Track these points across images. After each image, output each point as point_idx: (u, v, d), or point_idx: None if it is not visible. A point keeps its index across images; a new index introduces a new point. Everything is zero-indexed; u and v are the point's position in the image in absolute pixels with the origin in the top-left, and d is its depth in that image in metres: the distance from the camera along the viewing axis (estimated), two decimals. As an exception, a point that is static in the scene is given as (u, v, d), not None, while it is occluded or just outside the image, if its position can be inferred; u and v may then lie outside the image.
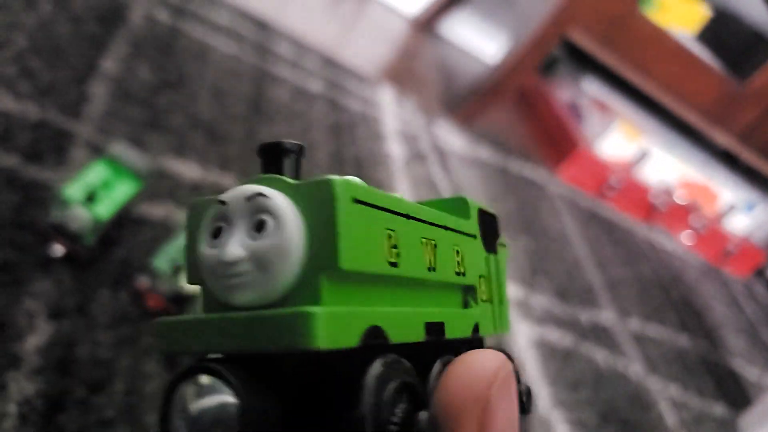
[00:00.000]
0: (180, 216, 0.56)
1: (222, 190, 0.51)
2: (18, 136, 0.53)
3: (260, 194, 0.13)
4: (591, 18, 1.03)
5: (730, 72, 1.18)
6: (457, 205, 0.18)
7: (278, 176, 0.13)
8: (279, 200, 0.13)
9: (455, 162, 1.02)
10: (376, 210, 0.14)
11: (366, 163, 0.84)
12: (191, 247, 0.14)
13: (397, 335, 0.13)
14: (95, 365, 0.43)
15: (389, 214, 0.14)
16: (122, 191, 0.49)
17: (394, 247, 0.14)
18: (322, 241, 0.12)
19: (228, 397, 0.12)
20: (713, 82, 1.13)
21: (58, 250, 0.46)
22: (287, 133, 0.78)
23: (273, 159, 0.14)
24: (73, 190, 0.46)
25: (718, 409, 0.94)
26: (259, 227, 0.13)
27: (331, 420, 0.12)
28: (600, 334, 0.89)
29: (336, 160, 0.80)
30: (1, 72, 0.57)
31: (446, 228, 0.16)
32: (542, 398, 0.70)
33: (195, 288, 0.47)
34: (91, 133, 0.58)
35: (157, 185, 0.58)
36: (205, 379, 0.12)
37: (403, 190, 0.85)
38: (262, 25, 0.95)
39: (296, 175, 0.14)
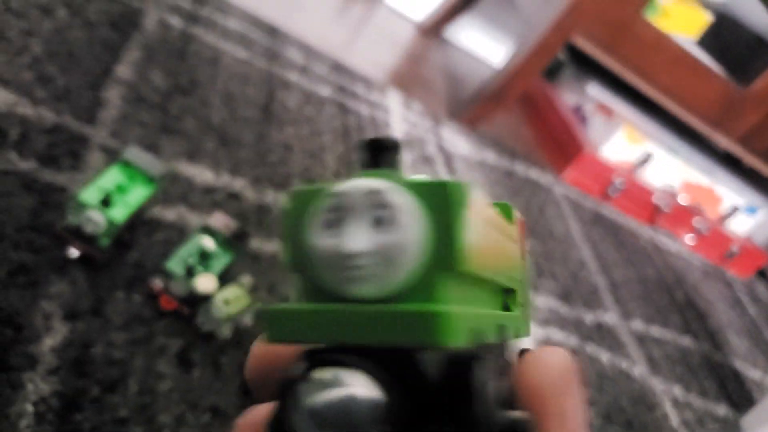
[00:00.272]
0: (192, 219, 0.57)
1: (235, 194, 0.51)
2: (34, 140, 0.53)
3: (383, 189, 0.13)
4: (595, 23, 1.03)
5: (733, 76, 1.17)
6: (503, 211, 0.18)
7: (392, 172, 0.13)
8: (403, 197, 0.13)
9: (461, 165, 1.02)
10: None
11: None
12: (293, 236, 0.13)
13: (488, 336, 0.14)
14: (110, 365, 0.43)
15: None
16: (136, 195, 0.49)
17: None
18: (442, 242, 0.12)
19: (356, 391, 0.12)
20: (716, 87, 1.12)
21: (73, 252, 0.46)
22: (297, 136, 0.78)
23: (378, 154, 0.14)
24: (89, 194, 0.46)
25: (722, 410, 0.94)
26: (381, 222, 0.12)
27: (455, 417, 0.12)
28: (604, 336, 0.89)
29: (345, 163, 0.80)
30: (18, 78, 0.57)
31: (505, 233, 0.17)
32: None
33: (208, 289, 0.47)
34: (106, 138, 0.58)
35: (170, 189, 0.58)
36: (333, 372, 0.12)
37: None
38: (272, 31, 0.96)
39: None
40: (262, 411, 0.14)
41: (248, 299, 0.49)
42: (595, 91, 1.25)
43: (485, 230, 0.14)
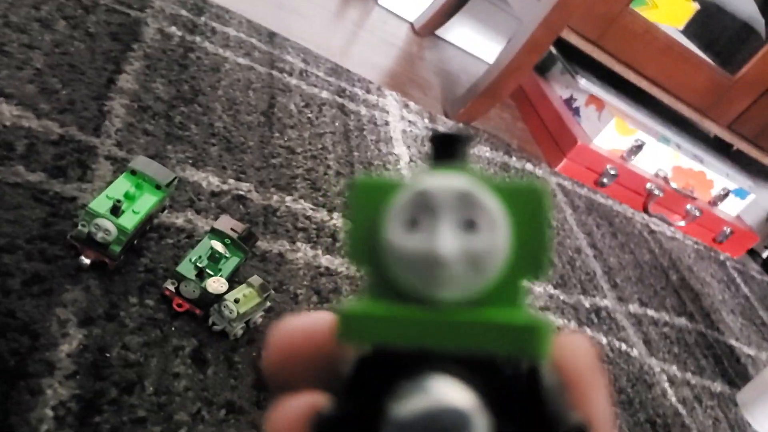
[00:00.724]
0: (201, 223, 0.56)
1: (241, 197, 0.50)
2: (41, 152, 0.53)
3: (474, 190, 0.12)
4: (584, 18, 1.02)
5: (720, 64, 1.16)
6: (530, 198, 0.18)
7: (471, 169, 0.12)
8: (492, 199, 0.12)
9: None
10: None
11: (375, 165, 0.84)
12: (363, 229, 0.12)
13: None
14: (126, 367, 0.43)
15: None
16: (145, 202, 0.49)
17: None
18: (529, 247, 0.12)
19: (447, 404, 0.11)
20: (704, 75, 1.11)
21: (85, 260, 0.46)
22: (299, 139, 0.77)
23: (450, 148, 0.13)
24: (98, 203, 0.46)
25: (718, 386, 0.93)
26: (472, 225, 0.12)
27: (529, 419, 0.12)
28: (602, 319, 0.88)
29: (347, 164, 0.80)
30: (21, 91, 0.57)
31: None
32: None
33: (219, 289, 0.47)
34: (112, 148, 0.58)
35: (177, 195, 0.57)
36: (422, 379, 0.11)
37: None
38: (270, 36, 0.95)
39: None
40: (296, 406, 0.13)
41: (258, 298, 0.49)
42: (586, 84, 1.24)
43: None
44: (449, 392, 0.11)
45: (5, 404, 0.36)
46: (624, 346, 0.86)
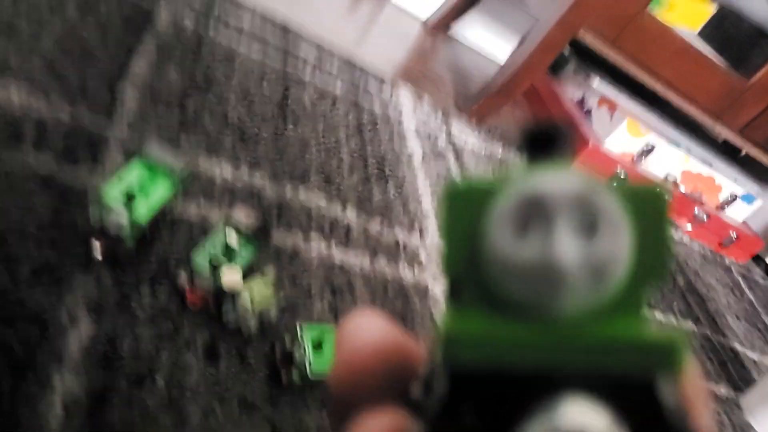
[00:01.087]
0: (214, 214, 0.55)
1: (255, 189, 0.48)
2: (52, 139, 0.51)
3: (594, 191, 0.10)
4: (601, 19, 1.00)
5: (734, 68, 1.14)
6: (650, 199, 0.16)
7: (581, 170, 0.11)
8: (612, 201, 0.11)
9: (471, 158, 1.00)
10: None
11: (388, 160, 0.82)
12: (460, 236, 0.11)
13: None
14: (137, 360, 0.41)
15: None
16: (158, 192, 0.47)
17: None
18: (650, 252, 0.11)
19: (589, 426, 0.09)
20: (718, 79, 1.09)
21: (97, 250, 0.44)
22: (313, 132, 0.76)
23: (550, 142, 0.12)
24: (112, 192, 0.44)
25: (722, 390, 0.92)
26: (592, 229, 0.10)
27: None
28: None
29: (360, 158, 0.78)
30: (32, 77, 0.55)
31: None
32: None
33: (233, 283, 0.45)
34: (124, 136, 0.56)
35: (191, 185, 0.56)
36: (571, 408, 0.10)
37: (423, 185, 0.83)
38: (284, 29, 0.93)
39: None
40: (380, 424, 0.11)
41: (272, 292, 0.47)
42: (599, 85, 1.22)
43: None
44: (586, 416, 0.10)
45: (14, 395, 0.35)
46: (632, 349, 0.85)
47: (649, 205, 0.11)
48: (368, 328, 0.12)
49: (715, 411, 0.86)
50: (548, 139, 0.11)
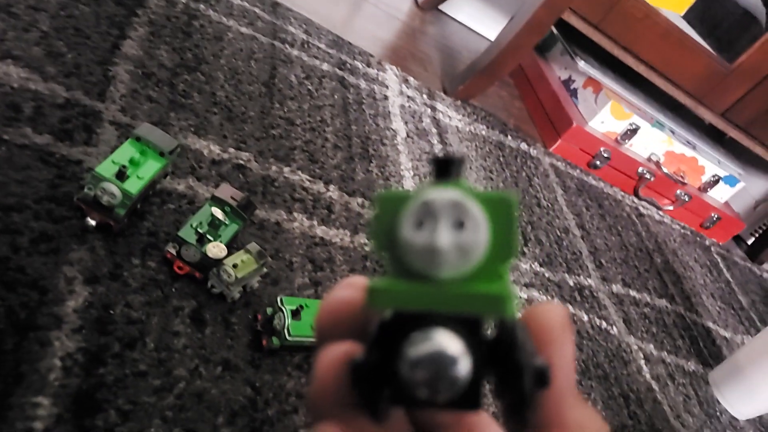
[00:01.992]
0: (201, 190, 0.58)
1: (241, 166, 0.53)
2: (48, 115, 0.54)
3: (463, 200, 0.16)
4: (586, 0, 1.03)
5: (719, 51, 1.17)
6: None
7: (463, 184, 0.17)
8: (476, 207, 0.16)
9: (454, 137, 1.04)
10: None
11: (372, 139, 0.86)
12: (384, 228, 0.17)
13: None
14: (129, 324, 0.45)
15: None
16: (149, 168, 0.51)
17: None
18: (503, 240, 0.16)
19: (442, 348, 0.15)
20: (702, 62, 1.13)
21: (91, 221, 0.48)
22: (299, 111, 0.79)
23: (447, 168, 0.17)
24: (105, 167, 0.48)
25: (692, 365, 0.97)
26: (461, 225, 0.16)
27: (515, 366, 0.16)
28: (585, 298, 0.92)
29: (344, 137, 0.82)
30: (28, 53, 0.58)
31: None
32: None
33: (218, 254, 0.50)
34: (116, 113, 0.59)
35: (180, 162, 0.59)
36: (428, 331, 0.15)
37: (406, 165, 0.87)
38: (274, 6, 0.96)
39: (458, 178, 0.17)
40: (338, 350, 0.17)
41: (255, 264, 0.51)
42: (585, 66, 1.25)
43: None
44: (445, 340, 0.15)
45: (17, 354, 0.39)
46: (604, 324, 0.90)
47: (503, 209, 0.16)
48: (346, 287, 0.18)
49: (682, 385, 0.92)
50: (446, 164, 0.17)
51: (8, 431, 0.36)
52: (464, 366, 0.15)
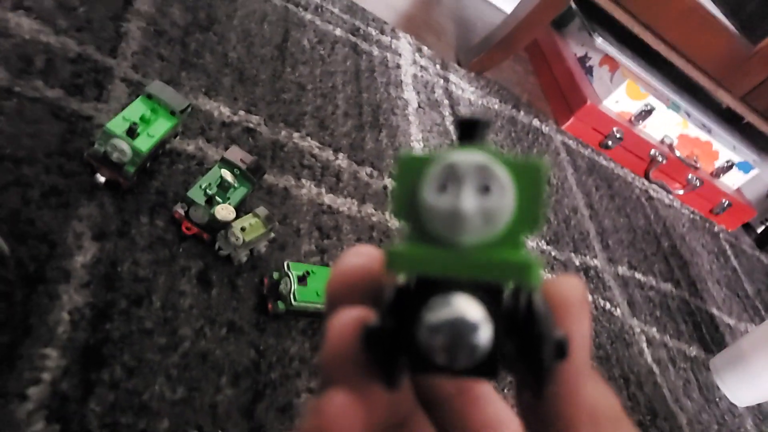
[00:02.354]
0: (211, 152, 0.59)
1: (251, 129, 0.54)
2: (59, 69, 0.54)
3: (489, 164, 0.15)
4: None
5: (743, 33, 1.15)
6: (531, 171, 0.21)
7: (490, 147, 0.16)
8: (503, 172, 0.16)
9: (466, 110, 1.03)
10: None
11: (383, 107, 0.86)
12: (405, 191, 0.16)
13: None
14: (136, 282, 0.46)
15: None
16: (159, 127, 0.51)
17: None
18: (529, 208, 0.16)
19: (462, 314, 0.15)
20: (724, 43, 1.11)
21: (101, 178, 0.49)
22: (311, 76, 0.79)
23: (474, 130, 0.16)
24: (116, 124, 0.48)
25: (694, 350, 0.98)
26: (487, 190, 0.15)
27: (535, 338, 0.15)
28: (590, 278, 0.92)
29: (355, 105, 0.82)
30: (39, 5, 0.58)
31: None
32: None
33: (227, 217, 0.50)
34: (127, 70, 0.60)
35: (190, 122, 0.60)
36: (457, 298, 0.15)
37: (416, 136, 0.87)
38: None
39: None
40: (352, 314, 0.17)
41: (263, 228, 0.52)
42: (602, 43, 1.24)
43: None
44: (466, 307, 0.15)
45: (26, 305, 0.40)
46: (608, 305, 0.90)
47: (531, 175, 0.16)
48: (358, 254, 0.18)
49: (683, 369, 0.93)
50: (471, 126, 0.16)
51: (17, 380, 0.37)
52: (485, 333, 0.15)
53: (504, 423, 0.20)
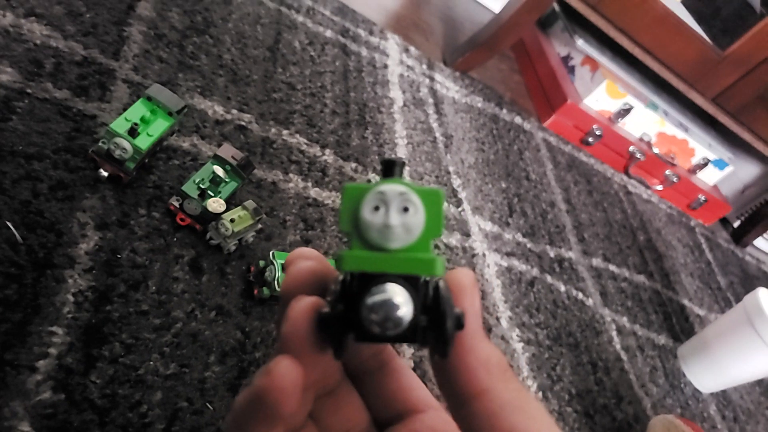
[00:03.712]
0: (205, 148, 0.63)
1: (242, 127, 0.59)
2: (67, 72, 0.58)
3: (407, 192, 0.21)
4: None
5: (713, 38, 1.20)
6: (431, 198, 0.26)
7: (405, 181, 0.22)
8: (415, 196, 0.21)
9: (450, 108, 1.07)
10: None
11: (369, 106, 0.89)
12: (350, 211, 0.22)
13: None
14: (133, 268, 0.50)
15: None
16: (158, 126, 0.55)
17: None
18: (433, 222, 0.22)
19: (392, 297, 0.20)
20: (695, 48, 1.15)
21: (104, 173, 0.52)
22: (301, 76, 0.83)
23: (392, 168, 0.22)
24: (119, 124, 0.52)
25: (662, 339, 1.01)
26: (406, 209, 0.21)
27: (441, 314, 0.21)
28: (564, 269, 0.96)
29: (342, 103, 0.85)
30: (50, 12, 0.61)
31: None
32: (504, 319, 0.78)
33: (218, 209, 0.54)
34: (129, 72, 0.63)
35: (185, 121, 0.63)
36: (388, 285, 0.20)
37: (401, 133, 0.90)
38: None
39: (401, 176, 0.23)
40: (309, 300, 0.21)
41: (251, 220, 0.56)
42: (583, 45, 1.27)
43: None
44: (394, 292, 0.20)
45: (35, 288, 0.44)
46: (580, 296, 0.94)
47: (434, 199, 0.22)
48: (306, 257, 0.24)
49: (650, 357, 0.97)
50: (393, 165, 0.23)
51: (27, 354, 0.41)
52: (407, 310, 0.20)
53: (415, 389, 0.26)
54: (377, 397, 0.26)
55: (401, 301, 0.20)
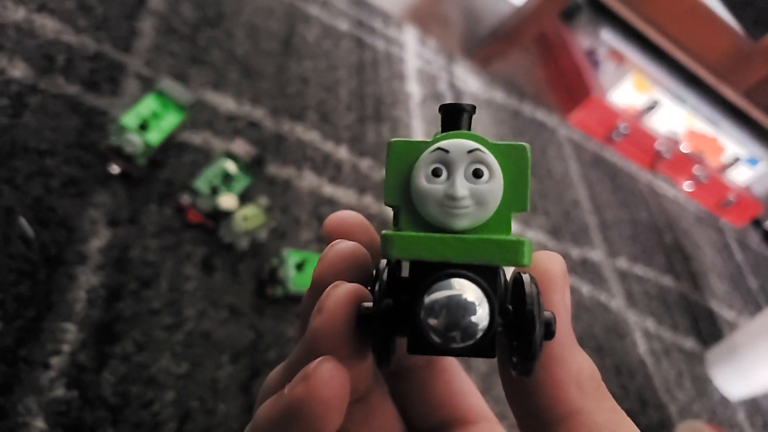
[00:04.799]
0: (216, 144, 0.64)
1: (255, 122, 0.60)
2: (78, 66, 0.59)
3: (480, 150, 0.16)
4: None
5: (745, 30, 1.18)
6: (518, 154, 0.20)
7: (475, 134, 0.17)
8: (491, 157, 0.16)
9: (470, 102, 1.07)
10: None
11: (386, 101, 0.90)
12: (397, 177, 0.17)
13: None
14: (145, 266, 0.51)
15: None
16: (169, 121, 0.56)
17: None
18: (516, 190, 0.17)
19: (460, 296, 0.16)
20: (727, 39, 1.14)
21: (115, 168, 0.54)
22: (314, 70, 0.83)
23: (458, 116, 0.17)
24: (129, 118, 0.53)
25: (689, 343, 1.01)
26: (478, 174, 0.16)
27: (526, 319, 0.16)
28: (587, 270, 0.96)
29: (357, 97, 0.86)
30: (62, 7, 0.63)
31: None
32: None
33: (230, 206, 0.55)
34: (141, 66, 0.65)
35: (197, 116, 0.65)
36: (455, 281, 0.16)
37: (418, 128, 0.91)
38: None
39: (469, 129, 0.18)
40: (349, 288, 0.17)
41: (264, 217, 0.57)
42: (609, 37, 1.27)
43: None
44: (464, 288, 0.16)
45: (48, 284, 0.45)
46: (604, 297, 0.94)
47: (517, 158, 0.17)
48: (349, 226, 0.19)
49: (676, 361, 0.96)
50: (457, 113, 0.17)
51: (41, 350, 0.42)
52: (482, 314, 0.15)
53: (467, 395, 0.22)
54: (420, 401, 0.22)
55: (474, 300, 0.15)
